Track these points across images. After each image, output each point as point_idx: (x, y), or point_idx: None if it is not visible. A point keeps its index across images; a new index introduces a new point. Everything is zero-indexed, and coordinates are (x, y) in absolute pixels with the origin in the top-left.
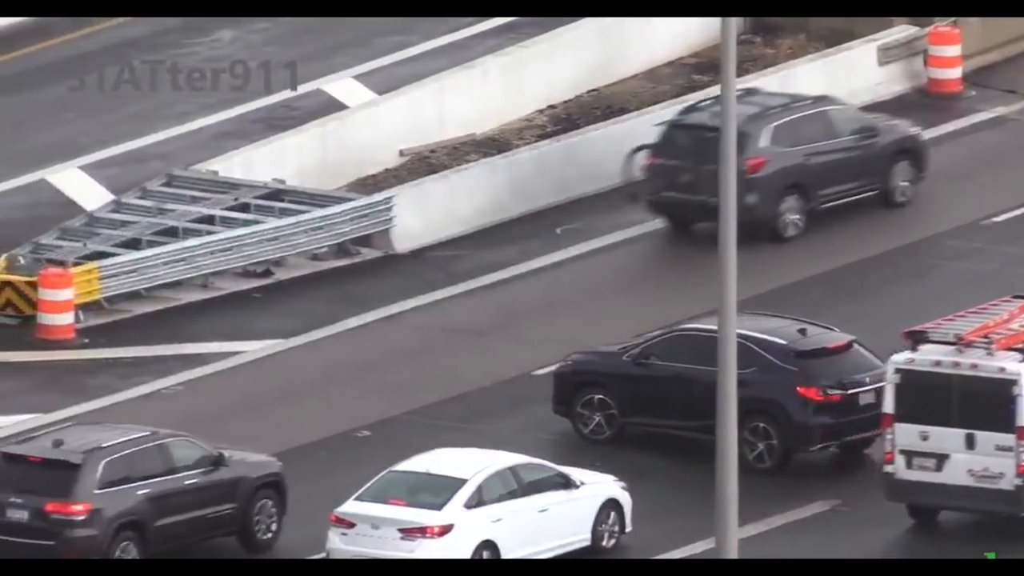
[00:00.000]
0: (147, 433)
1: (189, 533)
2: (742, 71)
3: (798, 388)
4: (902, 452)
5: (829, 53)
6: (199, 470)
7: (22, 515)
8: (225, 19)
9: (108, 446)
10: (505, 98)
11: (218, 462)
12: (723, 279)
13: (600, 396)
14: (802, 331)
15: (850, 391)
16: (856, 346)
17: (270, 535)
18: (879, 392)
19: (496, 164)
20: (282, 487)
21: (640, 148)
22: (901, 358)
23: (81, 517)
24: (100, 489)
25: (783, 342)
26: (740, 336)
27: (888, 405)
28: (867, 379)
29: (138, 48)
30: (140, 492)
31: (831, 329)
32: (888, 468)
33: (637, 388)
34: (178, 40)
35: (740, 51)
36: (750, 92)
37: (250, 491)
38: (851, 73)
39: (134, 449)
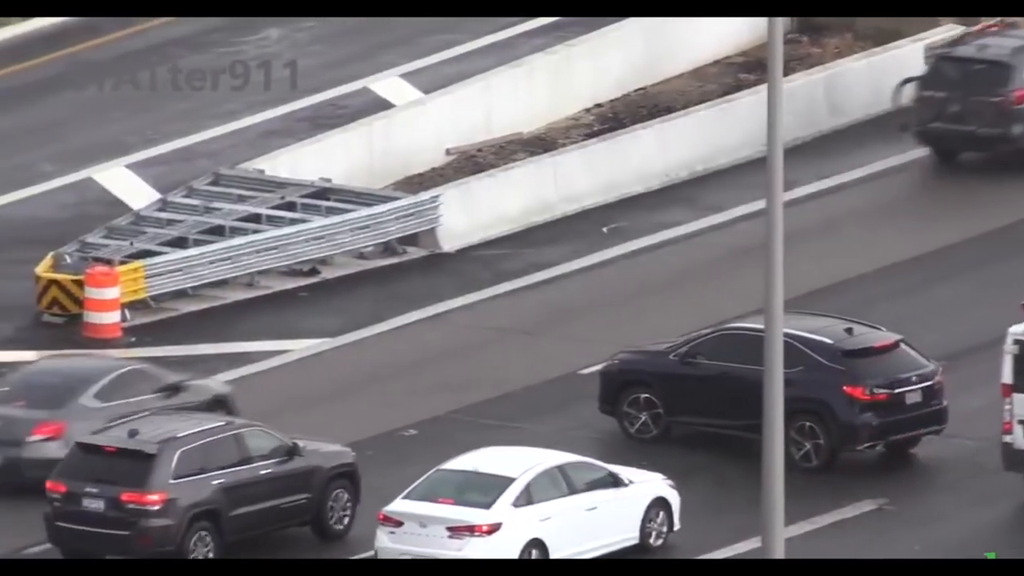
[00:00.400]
0: (222, 423)
1: (263, 523)
2: (788, 70)
3: (845, 387)
4: (1020, 423)
5: (876, 52)
6: (273, 460)
7: (98, 505)
8: (272, 18)
9: (183, 436)
10: (552, 97)
11: (292, 452)
12: (769, 278)
13: (646, 395)
14: (848, 330)
15: (897, 390)
16: (903, 345)
17: (343, 525)
18: (925, 391)
19: (542, 163)
20: (356, 477)
21: (909, 80)
22: (1019, 328)
23: (156, 507)
24: (175, 479)
25: (830, 341)
26: (787, 335)
27: (1006, 375)
28: (914, 378)
29: (184, 47)
30: (215, 482)
31: (878, 328)
32: (1007, 439)
33: (684, 387)
34: (225, 39)
35: (787, 50)
36: (1010, 26)
37: (324, 481)
38: (897, 72)
39: (209, 439)
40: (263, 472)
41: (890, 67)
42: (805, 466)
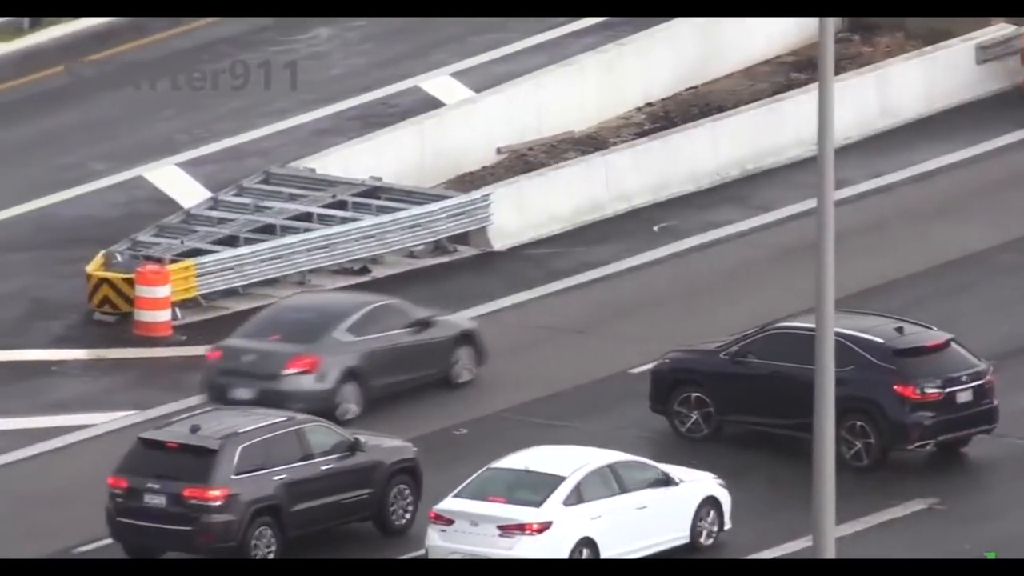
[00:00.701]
0: (284, 419)
1: (325, 518)
2: (839, 69)
3: (895, 386)
4: None
5: (927, 52)
6: (335, 455)
7: (160, 501)
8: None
9: (245, 431)
10: (603, 96)
11: (354, 447)
12: (820, 276)
13: (697, 394)
14: (899, 329)
15: (947, 389)
16: (953, 344)
17: (405, 520)
18: (976, 390)
19: (593, 162)
20: (417, 472)
21: None
22: None
23: (218, 503)
24: (237, 475)
25: (881, 340)
26: (838, 335)
27: None
28: (964, 377)
29: (234, 46)
30: (276, 477)
31: (929, 327)
32: None
33: (735, 386)
34: (274, 37)
35: (837, 49)
36: None
37: (386, 476)
38: (948, 72)
39: (271, 435)
40: (325, 467)
41: (941, 66)
42: (856, 465)
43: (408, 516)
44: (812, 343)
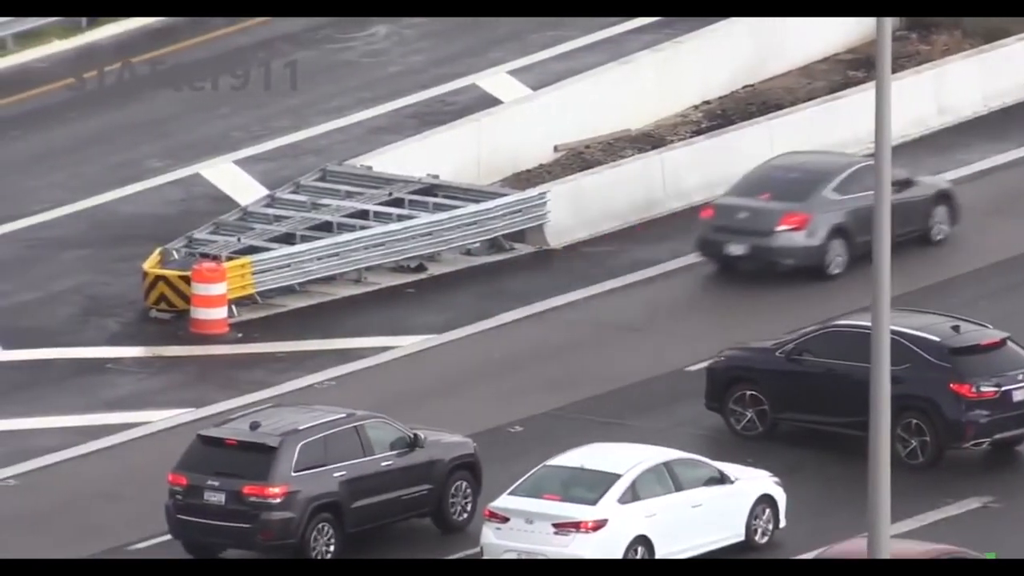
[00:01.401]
0: (343, 415)
1: (385, 515)
2: (897, 67)
3: (951, 385)
4: None
5: (984, 50)
6: (395, 452)
7: (219, 498)
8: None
9: (305, 428)
10: (660, 93)
11: (413, 443)
12: (877, 275)
13: (753, 392)
14: (955, 328)
15: (1003, 388)
16: (1009, 343)
17: (465, 516)
18: None
19: (650, 160)
20: (477, 468)
21: None
22: None
23: (278, 500)
24: (297, 471)
25: (937, 339)
26: (894, 333)
27: None
28: (1020, 376)
29: (293, 43)
30: (336, 474)
31: (984, 326)
32: None
33: (790, 384)
34: (333, 35)
35: (895, 47)
36: None
37: (445, 472)
38: (1006, 70)
39: (330, 431)
40: (384, 464)
41: (998, 65)
42: (911, 463)
43: (468, 512)
44: (867, 341)
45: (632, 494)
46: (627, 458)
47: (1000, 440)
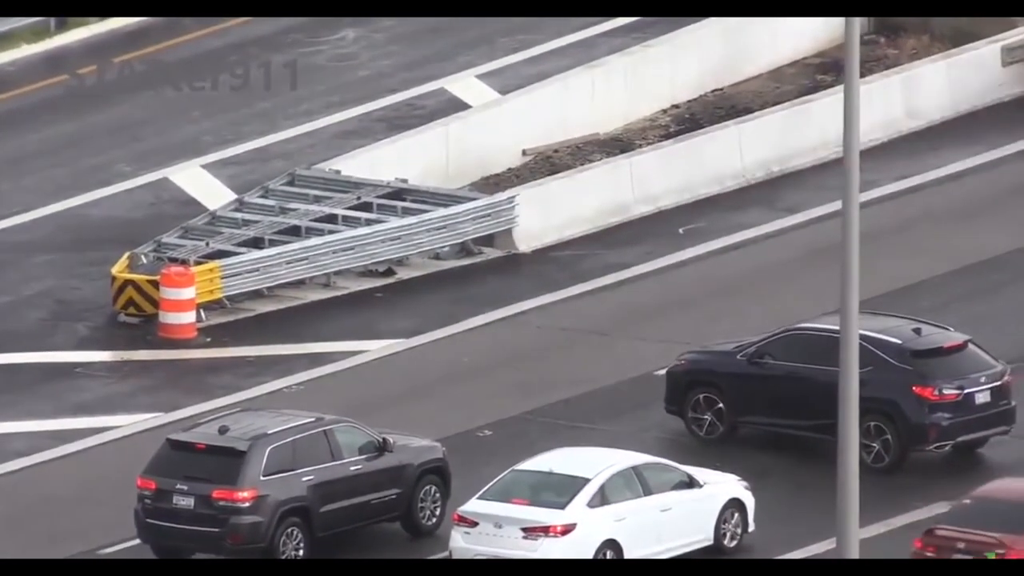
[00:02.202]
0: (312, 419)
1: (354, 519)
2: (865, 71)
3: (914, 387)
4: None
5: (952, 54)
6: (364, 456)
7: (188, 502)
8: (349, 18)
9: (273, 433)
10: (628, 98)
11: (382, 448)
12: (845, 279)
13: (712, 395)
14: (917, 330)
15: (966, 391)
16: (971, 345)
17: (434, 520)
18: (994, 392)
19: (619, 164)
20: (446, 472)
21: None
22: None
23: (247, 504)
24: (266, 476)
25: (899, 341)
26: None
27: None
28: (982, 379)
29: (263, 47)
30: (305, 479)
31: (946, 328)
32: None
33: (752, 387)
34: (302, 39)
35: (864, 51)
36: None
37: (414, 476)
38: (974, 74)
39: (299, 435)
40: (353, 468)
41: (966, 68)
42: (875, 466)
43: (437, 516)
44: (829, 344)
45: (601, 498)
46: (596, 462)
47: (962, 443)
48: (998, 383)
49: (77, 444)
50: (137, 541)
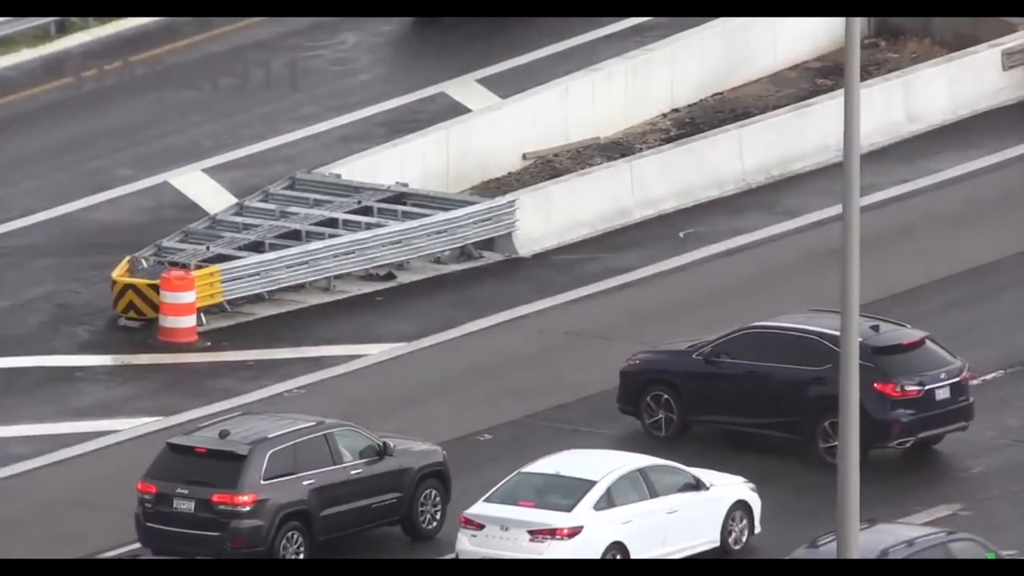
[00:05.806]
0: (313, 423)
1: (354, 523)
2: (866, 75)
3: (875, 384)
4: None
5: (953, 57)
6: (364, 460)
7: (188, 506)
8: (349, 21)
9: (274, 436)
10: (629, 102)
11: (383, 452)
12: (845, 283)
13: (667, 395)
14: (875, 327)
15: (927, 387)
16: (929, 342)
17: (435, 524)
18: (953, 388)
19: (619, 168)
20: (446, 476)
21: None
22: None
23: (247, 508)
24: (266, 480)
25: (859, 339)
26: (815, 334)
27: None
28: (942, 375)
29: (263, 51)
30: (305, 482)
31: (903, 325)
32: None
33: (708, 386)
34: (302, 43)
35: (864, 55)
36: None
37: (414, 480)
38: (974, 78)
39: (300, 439)
40: (354, 472)
41: (966, 72)
42: (835, 463)
43: (437, 520)
44: (786, 342)
45: (607, 500)
46: (602, 464)
47: (923, 439)
48: (957, 379)
49: (78, 448)
50: (137, 545)
